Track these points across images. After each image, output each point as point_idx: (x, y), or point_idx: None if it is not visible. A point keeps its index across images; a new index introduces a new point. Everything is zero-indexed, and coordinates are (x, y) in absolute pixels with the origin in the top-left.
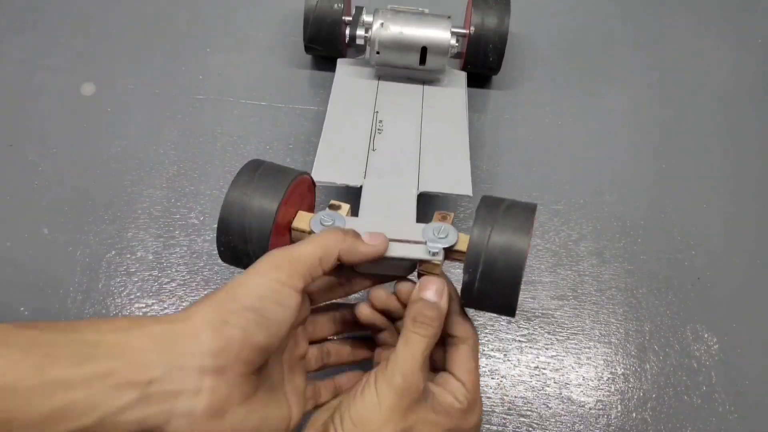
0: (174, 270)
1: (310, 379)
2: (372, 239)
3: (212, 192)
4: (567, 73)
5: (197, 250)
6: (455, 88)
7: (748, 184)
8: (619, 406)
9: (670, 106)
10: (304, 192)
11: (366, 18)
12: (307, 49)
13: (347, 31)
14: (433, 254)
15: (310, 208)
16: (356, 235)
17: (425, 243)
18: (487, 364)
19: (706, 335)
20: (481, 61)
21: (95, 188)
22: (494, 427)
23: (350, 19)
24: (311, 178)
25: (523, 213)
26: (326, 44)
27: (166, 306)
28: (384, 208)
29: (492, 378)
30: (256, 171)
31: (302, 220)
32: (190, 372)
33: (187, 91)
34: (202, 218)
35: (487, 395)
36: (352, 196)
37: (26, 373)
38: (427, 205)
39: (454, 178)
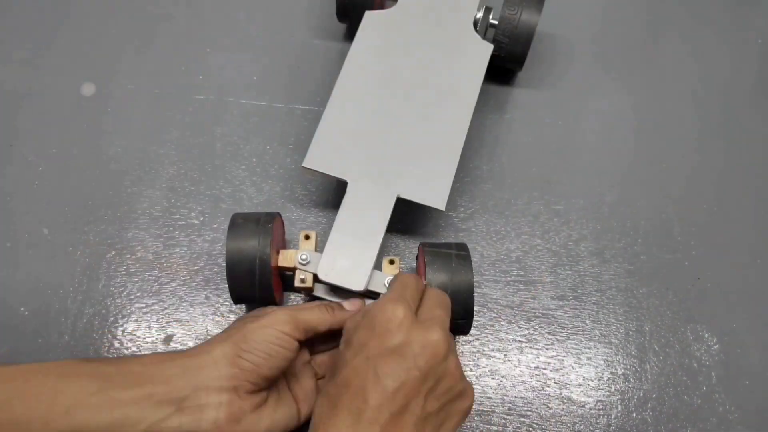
0: (174, 270)
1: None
2: (352, 306)
3: (212, 192)
4: (566, 73)
5: (197, 250)
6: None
7: (748, 184)
8: (619, 407)
9: (669, 106)
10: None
11: None
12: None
13: None
14: None
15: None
16: (340, 307)
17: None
18: (487, 365)
19: (706, 335)
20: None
21: (95, 188)
22: (494, 428)
23: None
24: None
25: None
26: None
27: (166, 306)
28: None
29: (492, 378)
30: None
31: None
32: (212, 391)
33: (187, 91)
34: (202, 218)
35: (488, 395)
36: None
37: (92, 393)
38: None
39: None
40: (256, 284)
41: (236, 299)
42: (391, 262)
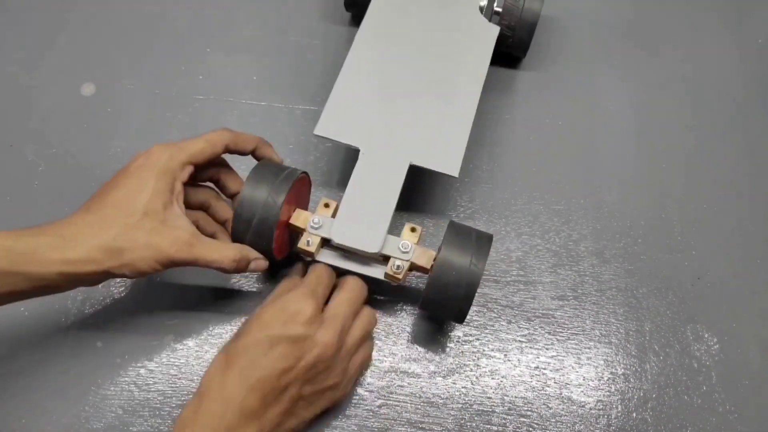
0: (173, 269)
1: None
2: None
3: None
4: (566, 73)
5: None
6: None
7: (748, 184)
8: (619, 406)
9: (670, 106)
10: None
11: None
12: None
13: None
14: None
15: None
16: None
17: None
18: (487, 365)
19: (706, 335)
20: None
21: (95, 188)
22: (494, 428)
23: None
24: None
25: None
26: None
27: (167, 305)
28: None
29: (492, 378)
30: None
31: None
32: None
33: (187, 91)
34: None
35: (488, 395)
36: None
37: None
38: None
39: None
40: (252, 228)
41: (234, 239)
42: (413, 229)
